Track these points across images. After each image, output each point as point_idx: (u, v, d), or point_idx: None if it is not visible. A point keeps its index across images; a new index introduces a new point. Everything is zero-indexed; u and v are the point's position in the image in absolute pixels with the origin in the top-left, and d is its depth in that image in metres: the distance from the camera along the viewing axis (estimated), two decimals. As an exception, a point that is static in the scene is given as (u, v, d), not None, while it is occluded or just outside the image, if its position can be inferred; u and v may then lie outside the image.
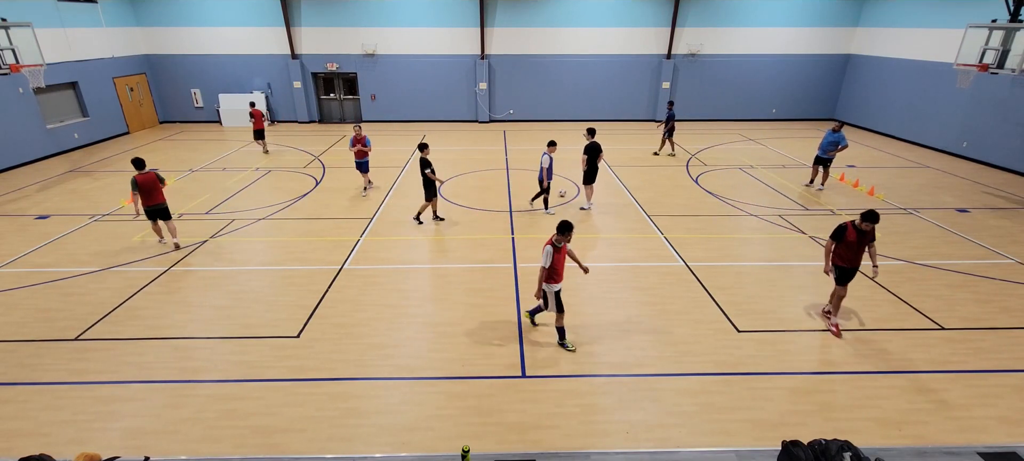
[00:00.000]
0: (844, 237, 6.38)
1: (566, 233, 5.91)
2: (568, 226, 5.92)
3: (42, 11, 15.26)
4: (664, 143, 15.90)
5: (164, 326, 6.88)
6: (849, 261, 6.44)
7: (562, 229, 5.92)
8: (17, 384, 5.79)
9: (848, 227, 6.36)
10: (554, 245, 5.92)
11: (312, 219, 10.71)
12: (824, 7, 19.88)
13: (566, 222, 5.92)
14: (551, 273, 5.97)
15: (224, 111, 20.31)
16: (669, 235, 9.86)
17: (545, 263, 5.92)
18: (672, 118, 15.39)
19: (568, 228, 5.91)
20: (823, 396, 5.61)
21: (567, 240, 5.97)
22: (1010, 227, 10.26)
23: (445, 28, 19.77)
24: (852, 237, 6.33)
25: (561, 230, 5.92)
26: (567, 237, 5.93)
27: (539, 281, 6.07)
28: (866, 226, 6.20)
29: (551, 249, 5.89)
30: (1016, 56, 11.26)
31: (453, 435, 5.07)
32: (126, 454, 4.71)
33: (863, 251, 6.39)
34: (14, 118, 14.54)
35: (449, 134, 19.19)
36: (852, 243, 6.35)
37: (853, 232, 6.31)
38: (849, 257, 6.42)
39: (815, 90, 21.23)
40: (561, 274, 6.10)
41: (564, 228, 5.92)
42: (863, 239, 6.31)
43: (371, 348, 6.43)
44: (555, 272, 5.99)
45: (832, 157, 12.09)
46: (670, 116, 15.38)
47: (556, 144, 10.54)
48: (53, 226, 10.27)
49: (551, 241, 5.95)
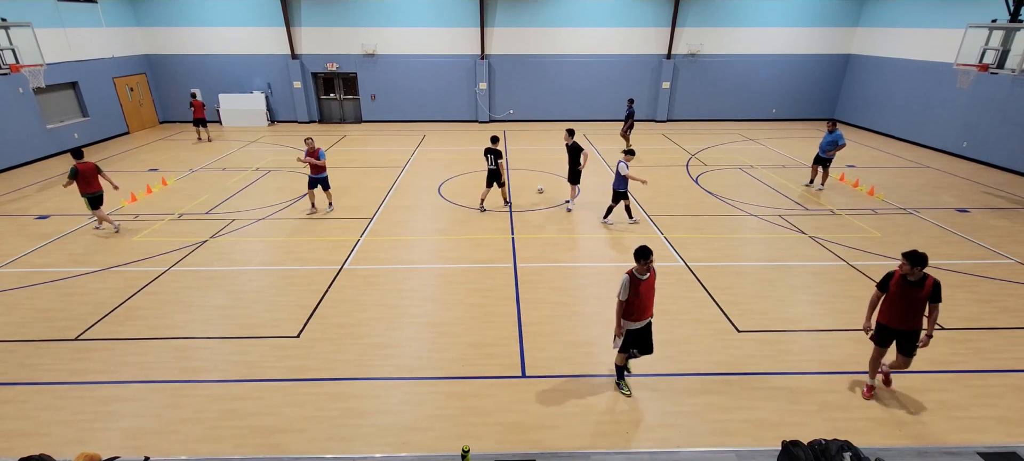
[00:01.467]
0: (888, 284, 5.09)
1: (645, 259, 4.94)
2: (646, 252, 4.94)
3: (42, 11, 15.26)
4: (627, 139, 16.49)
5: (164, 326, 6.88)
6: (890, 319, 5.17)
7: (640, 255, 4.96)
8: (17, 384, 5.79)
9: (895, 274, 5.06)
10: (635, 275, 5.05)
11: (312, 219, 10.71)
12: (824, 7, 19.88)
13: (644, 247, 4.96)
14: (629, 308, 5.15)
15: (224, 111, 20.31)
16: (669, 235, 9.86)
17: (621, 295, 5.10)
18: (631, 115, 16.07)
19: (646, 254, 4.93)
20: (823, 396, 5.61)
21: (648, 267, 5.02)
22: (1010, 227, 10.26)
23: (445, 28, 19.77)
24: (895, 287, 5.04)
25: (639, 256, 4.97)
26: (647, 264, 4.97)
27: (617, 317, 5.26)
28: (905, 268, 4.91)
29: (628, 280, 5.05)
30: (1016, 56, 11.26)
31: (453, 435, 5.07)
32: (126, 454, 4.71)
33: (915, 307, 5.00)
34: (14, 118, 14.54)
35: (449, 134, 19.19)
36: (894, 294, 5.06)
37: (898, 279, 5.00)
38: (891, 313, 5.14)
39: (815, 90, 21.23)
40: (645, 310, 5.21)
41: (642, 254, 4.94)
42: (911, 291, 4.96)
43: (371, 348, 6.43)
44: (635, 307, 5.14)
45: (832, 157, 12.10)
46: (630, 113, 16.06)
47: (634, 153, 10.11)
48: (53, 226, 10.27)
49: (630, 271, 5.10)
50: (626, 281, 5.06)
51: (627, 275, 5.08)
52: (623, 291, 5.09)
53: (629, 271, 5.10)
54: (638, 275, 5.05)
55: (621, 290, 5.10)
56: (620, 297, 5.13)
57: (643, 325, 5.32)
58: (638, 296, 5.09)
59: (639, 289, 5.06)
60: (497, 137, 11.03)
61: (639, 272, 5.05)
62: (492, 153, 10.80)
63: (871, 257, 8.92)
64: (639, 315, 5.21)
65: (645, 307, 5.20)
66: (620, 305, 5.17)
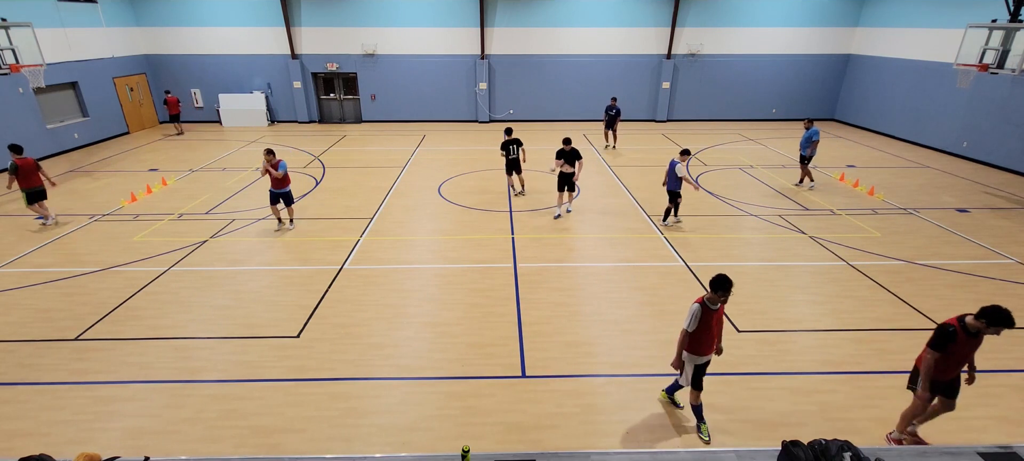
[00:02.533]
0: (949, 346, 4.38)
1: (723, 291, 4.48)
2: (725, 282, 4.47)
3: (42, 11, 15.26)
4: (606, 136, 16.95)
5: (164, 326, 6.88)
6: (944, 372, 4.55)
7: (718, 285, 4.49)
8: (17, 384, 5.79)
9: (957, 333, 4.34)
10: (706, 305, 4.61)
11: (312, 219, 10.71)
12: (824, 7, 19.88)
13: (722, 277, 4.49)
14: (695, 340, 4.72)
15: (224, 111, 20.31)
16: (669, 235, 9.86)
17: (689, 326, 4.65)
18: (609, 111, 16.41)
19: (726, 285, 4.47)
20: (823, 396, 5.61)
21: (723, 301, 4.59)
22: (1010, 227, 10.26)
23: (445, 28, 19.77)
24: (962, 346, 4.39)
25: (716, 286, 4.51)
26: (723, 296, 4.52)
27: (678, 348, 4.80)
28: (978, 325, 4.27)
29: (699, 309, 4.60)
30: (1016, 56, 11.27)
31: (453, 435, 5.07)
32: (126, 454, 4.70)
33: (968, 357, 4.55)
34: (14, 118, 14.54)
35: (449, 134, 19.19)
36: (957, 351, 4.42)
37: (963, 337, 4.36)
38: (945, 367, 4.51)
39: (815, 90, 21.23)
40: (713, 343, 4.81)
41: (720, 284, 4.48)
42: (971, 342, 4.41)
43: (371, 348, 6.43)
44: (703, 340, 4.72)
45: (811, 154, 12.43)
46: (616, 112, 16.40)
47: (689, 152, 9.80)
48: (53, 226, 10.27)
49: (702, 299, 4.66)
50: (697, 311, 4.60)
51: (698, 304, 4.61)
52: (692, 321, 4.62)
53: (701, 300, 4.64)
54: (710, 306, 4.62)
55: (690, 320, 4.63)
56: (687, 328, 4.66)
57: (708, 359, 4.91)
58: (708, 329, 4.68)
59: (710, 321, 4.65)
60: (511, 128, 11.81)
61: (711, 302, 4.62)
62: (515, 143, 11.51)
63: (871, 257, 8.92)
64: (707, 349, 4.78)
65: (714, 340, 4.81)
66: (684, 336, 4.70)
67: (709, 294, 4.62)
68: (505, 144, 11.56)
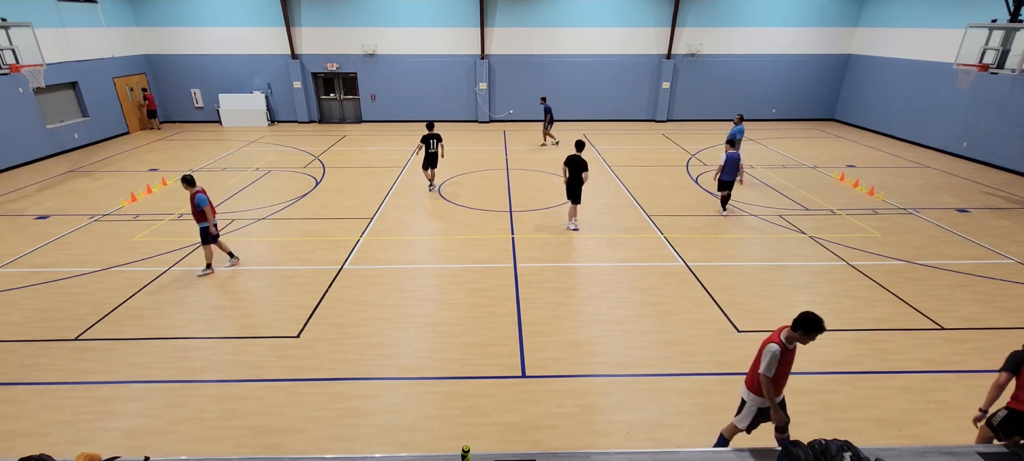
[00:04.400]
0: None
1: (809, 332, 3.94)
2: (818, 324, 3.90)
3: (42, 11, 15.26)
4: (546, 136, 17.29)
5: (164, 326, 6.88)
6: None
7: (810, 327, 3.92)
8: (17, 384, 5.79)
9: None
10: (784, 345, 4.08)
11: (312, 219, 10.71)
12: (824, 7, 19.88)
13: (815, 318, 3.91)
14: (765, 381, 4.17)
15: (224, 111, 20.31)
16: (669, 235, 9.86)
17: (768, 370, 4.06)
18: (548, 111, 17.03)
19: (818, 327, 3.91)
20: (823, 396, 5.61)
21: (803, 342, 4.04)
22: (1010, 227, 10.26)
23: (445, 28, 19.77)
24: None
25: (811, 328, 3.92)
26: (808, 338, 3.99)
27: (768, 394, 4.14)
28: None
29: (778, 351, 4.04)
30: (1016, 56, 11.26)
31: (453, 435, 5.07)
32: (126, 454, 4.71)
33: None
34: (14, 118, 14.54)
35: (449, 134, 19.14)
36: None
37: None
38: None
39: (815, 90, 21.23)
40: (782, 384, 4.30)
41: (814, 326, 3.91)
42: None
43: (371, 348, 6.43)
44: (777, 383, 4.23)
45: None
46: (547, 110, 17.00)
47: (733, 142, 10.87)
48: (53, 226, 10.27)
49: (779, 339, 4.10)
50: (776, 353, 4.03)
51: (776, 345, 4.06)
52: (772, 365, 4.04)
53: (778, 340, 4.10)
54: (787, 345, 4.11)
55: (769, 364, 4.05)
56: (766, 372, 4.07)
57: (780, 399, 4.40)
58: (785, 371, 4.20)
59: (785, 361, 4.15)
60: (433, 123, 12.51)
61: (790, 341, 4.10)
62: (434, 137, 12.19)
63: (871, 257, 8.92)
64: (778, 391, 4.28)
65: (784, 381, 4.27)
66: (767, 382, 4.09)
67: (788, 332, 4.09)
68: (425, 138, 12.11)
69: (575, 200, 9.92)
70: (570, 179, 9.75)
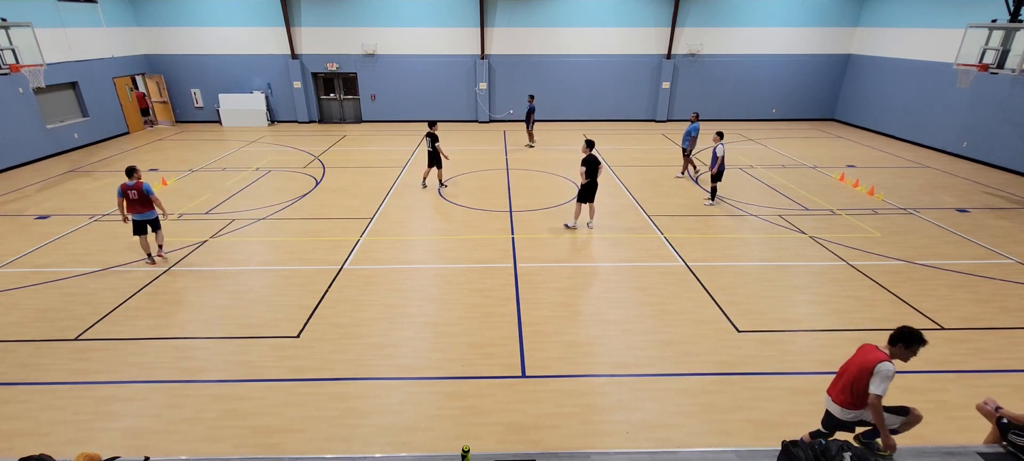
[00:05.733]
0: None
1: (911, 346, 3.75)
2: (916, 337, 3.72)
3: (42, 11, 15.26)
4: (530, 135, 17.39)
5: (164, 326, 6.88)
6: None
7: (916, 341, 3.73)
8: (17, 384, 5.79)
9: None
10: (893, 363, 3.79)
11: (312, 219, 10.71)
12: (824, 7, 19.88)
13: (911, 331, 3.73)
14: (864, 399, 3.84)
15: (224, 111, 20.31)
16: (669, 235, 9.86)
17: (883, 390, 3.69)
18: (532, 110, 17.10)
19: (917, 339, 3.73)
20: (823, 396, 5.59)
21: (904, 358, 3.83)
22: (1010, 227, 10.26)
23: (445, 28, 19.77)
24: None
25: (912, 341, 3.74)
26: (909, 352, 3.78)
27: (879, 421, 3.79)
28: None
29: (893, 370, 3.72)
30: (1016, 56, 11.27)
31: (453, 435, 5.07)
32: (126, 454, 4.70)
33: None
34: (14, 118, 14.53)
35: (449, 134, 19.16)
36: None
37: None
38: None
39: (815, 90, 21.23)
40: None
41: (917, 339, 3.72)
42: None
43: (371, 348, 6.43)
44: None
45: (691, 147, 13.18)
46: (530, 110, 17.06)
47: (722, 134, 11.16)
48: (53, 226, 10.27)
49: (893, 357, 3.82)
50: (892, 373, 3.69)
51: (891, 365, 3.72)
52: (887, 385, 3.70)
53: (892, 358, 3.79)
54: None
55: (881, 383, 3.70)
56: (881, 392, 3.70)
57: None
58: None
59: None
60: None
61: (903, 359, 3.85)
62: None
63: (871, 257, 8.93)
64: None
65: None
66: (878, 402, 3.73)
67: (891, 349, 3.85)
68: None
69: (591, 200, 9.93)
70: (589, 181, 9.67)
